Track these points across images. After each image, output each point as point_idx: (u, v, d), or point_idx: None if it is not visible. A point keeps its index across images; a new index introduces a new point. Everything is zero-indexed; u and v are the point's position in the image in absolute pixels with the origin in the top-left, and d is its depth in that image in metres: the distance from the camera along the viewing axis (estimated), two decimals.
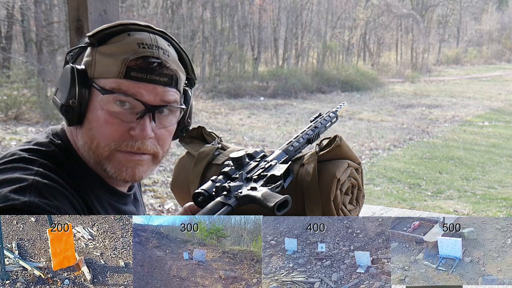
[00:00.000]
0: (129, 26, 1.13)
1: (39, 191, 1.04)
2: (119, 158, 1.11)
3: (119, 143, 1.10)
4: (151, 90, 1.09)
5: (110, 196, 1.20)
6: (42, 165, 1.10)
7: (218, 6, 18.21)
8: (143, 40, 1.10)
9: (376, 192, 6.86)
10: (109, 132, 1.10)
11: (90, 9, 2.14)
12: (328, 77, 18.13)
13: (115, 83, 1.08)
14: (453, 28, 32.70)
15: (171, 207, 5.74)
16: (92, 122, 1.11)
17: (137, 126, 1.09)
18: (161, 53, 1.10)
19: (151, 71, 1.08)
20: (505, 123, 12.60)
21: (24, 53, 13.27)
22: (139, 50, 1.08)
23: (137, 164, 1.12)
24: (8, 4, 11.97)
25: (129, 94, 1.08)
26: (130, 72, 1.07)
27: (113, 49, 1.09)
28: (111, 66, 1.08)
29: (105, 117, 1.09)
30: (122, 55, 1.08)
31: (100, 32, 1.12)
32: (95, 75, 1.10)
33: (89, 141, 1.12)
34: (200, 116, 11.72)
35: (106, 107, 1.09)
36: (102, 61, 1.10)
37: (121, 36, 1.11)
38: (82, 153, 1.15)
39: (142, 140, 1.10)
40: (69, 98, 1.09)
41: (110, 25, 1.14)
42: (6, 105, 10.08)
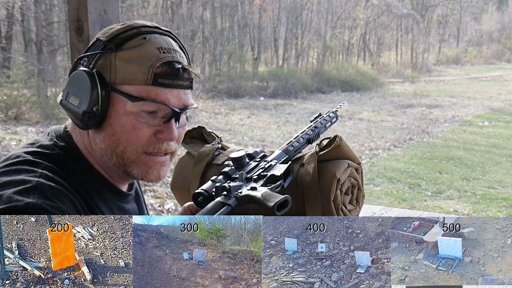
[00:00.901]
0: (141, 28, 1.14)
1: (43, 193, 1.05)
2: (146, 161, 1.15)
3: (146, 147, 1.14)
4: (176, 95, 1.14)
5: (114, 196, 1.22)
6: (47, 167, 1.11)
7: (218, 6, 18.21)
8: (161, 44, 1.13)
9: (376, 192, 6.86)
10: (137, 137, 1.13)
11: (90, 9, 2.14)
12: (328, 77, 18.13)
13: (144, 90, 1.10)
14: (453, 28, 32.71)
15: (171, 207, 5.74)
16: (115, 127, 1.13)
17: (164, 129, 1.14)
18: (179, 57, 1.14)
19: (176, 76, 1.13)
20: (505, 123, 12.60)
21: (24, 53, 13.27)
22: (160, 55, 1.11)
23: (162, 165, 1.17)
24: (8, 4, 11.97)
25: (158, 100, 1.11)
26: (158, 79, 1.11)
27: (134, 54, 1.11)
28: (137, 73, 1.10)
29: (132, 122, 1.12)
30: (147, 62, 1.10)
31: (116, 37, 1.12)
32: (116, 81, 1.11)
33: (113, 145, 1.14)
34: (200, 116, 11.72)
35: (135, 113, 1.11)
36: (124, 67, 1.11)
37: (138, 40, 1.12)
38: (99, 155, 1.17)
39: (168, 142, 1.15)
40: (92, 105, 1.10)
41: (122, 28, 1.14)
42: (6, 105, 10.08)
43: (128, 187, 1.29)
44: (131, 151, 1.13)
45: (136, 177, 1.18)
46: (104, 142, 1.14)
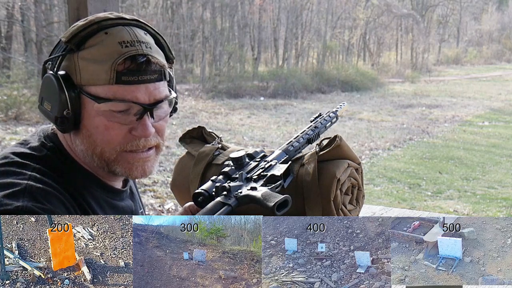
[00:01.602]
0: (102, 23, 1.09)
1: (33, 195, 1.04)
2: (127, 159, 1.13)
3: (124, 145, 1.11)
4: (144, 91, 1.09)
5: (106, 193, 1.21)
6: (35, 169, 1.09)
7: (218, 6, 18.21)
8: (123, 38, 1.08)
9: (376, 192, 6.86)
10: (111, 137, 1.10)
11: (90, 9, 2.15)
12: (328, 77, 18.12)
13: (108, 90, 1.06)
14: (453, 28, 32.71)
15: (171, 207, 5.73)
16: (90, 129, 1.10)
17: (138, 126, 1.10)
18: (144, 48, 1.08)
19: (141, 71, 1.07)
20: (505, 123, 12.60)
21: (24, 53, 13.27)
22: (122, 50, 1.06)
23: (145, 161, 1.15)
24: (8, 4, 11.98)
25: (125, 99, 1.07)
26: (120, 77, 1.06)
27: (95, 53, 1.07)
28: (100, 73, 1.06)
29: (104, 123, 1.09)
30: (108, 60, 1.06)
31: (76, 36, 1.08)
32: (82, 82, 1.08)
33: (91, 147, 1.12)
34: (200, 116, 11.73)
35: (104, 114, 1.08)
36: (87, 67, 1.07)
37: (99, 36, 1.08)
38: (82, 157, 1.15)
39: (145, 138, 1.12)
40: (62, 109, 1.08)
41: (82, 25, 1.10)
42: (6, 105, 10.08)
43: (122, 184, 1.27)
44: (109, 151, 1.11)
45: (121, 175, 1.16)
46: (83, 144, 1.12)
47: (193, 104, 13.16)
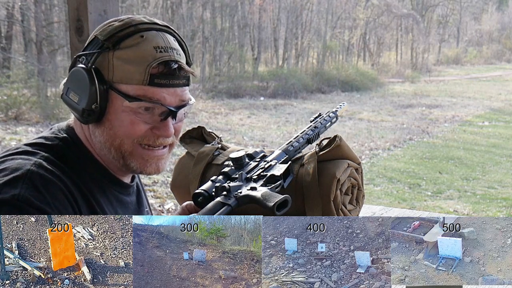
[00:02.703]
0: (139, 26, 1.15)
1: (32, 183, 1.06)
2: (142, 155, 1.18)
3: (142, 139, 1.16)
4: (173, 94, 1.16)
5: (114, 187, 1.24)
6: (43, 157, 1.13)
7: (218, 6, 18.21)
8: (158, 43, 1.14)
9: (376, 192, 6.86)
10: (134, 131, 1.15)
11: (90, 9, 2.15)
12: (328, 77, 18.12)
13: (140, 90, 1.12)
14: (453, 28, 32.70)
15: (171, 207, 5.73)
16: (114, 122, 1.15)
17: (161, 126, 1.16)
18: (175, 54, 1.15)
19: (172, 76, 1.14)
20: (505, 123, 12.60)
21: (24, 53, 13.26)
22: (157, 55, 1.12)
23: (160, 158, 1.20)
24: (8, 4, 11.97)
25: (154, 100, 1.13)
26: (154, 79, 1.12)
27: (131, 54, 1.12)
28: (134, 73, 1.11)
29: (130, 118, 1.14)
30: (143, 62, 1.11)
31: (113, 36, 1.13)
32: (114, 79, 1.13)
33: (110, 139, 1.16)
34: (200, 116, 11.72)
35: (132, 112, 1.13)
36: (121, 66, 1.12)
37: (135, 38, 1.14)
38: (99, 148, 1.19)
39: (165, 137, 1.18)
40: (91, 103, 1.13)
41: (120, 26, 1.15)
42: (6, 105, 10.08)
43: (130, 179, 1.31)
44: (128, 143, 1.16)
45: (135, 170, 1.20)
46: (102, 135, 1.17)
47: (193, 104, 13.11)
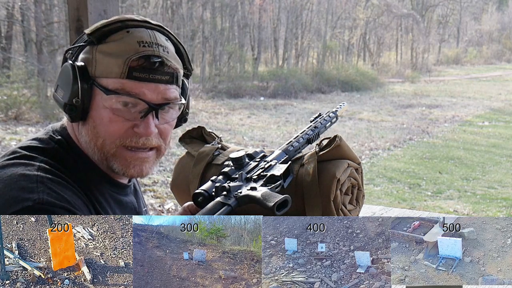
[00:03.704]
0: (127, 22, 1.13)
1: (46, 186, 1.06)
2: (125, 156, 1.14)
3: (124, 139, 1.13)
4: (153, 89, 1.11)
5: (111, 187, 1.23)
6: (43, 161, 1.12)
7: (218, 6, 18.21)
8: (142, 38, 1.11)
9: (376, 192, 6.86)
10: (114, 129, 1.12)
11: (90, 9, 2.15)
12: (328, 77, 18.12)
13: (118, 83, 1.09)
14: (453, 28, 32.70)
15: (171, 207, 5.73)
16: (95, 120, 1.13)
17: (141, 124, 1.12)
18: (161, 51, 1.12)
19: (153, 70, 1.10)
20: (505, 123, 12.60)
21: (24, 53, 13.26)
22: (140, 49, 1.10)
23: (143, 161, 1.16)
24: (8, 4, 11.97)
25: (132, 94, 1.10)
26: (132, 72, 1.09)
27: (114, 48, 1.10)
28: (113, 66, 1.09)
29: (109, 116, 1.11)
30: (123, 55, 1.09)
31: (99, 30, 1.12)
32: (96, 73, 1.11)
33: (94, 138, 1.14)
34: (200, 116, 11.72)
35: (110, 106, 1.11)
36: (103, 60, 1.11)
37: (121, 33, 1.12)
38: (86, 148, 1.17)
39: (146, 136, 1.13)
40: (72, 97, 1.11)
41: (108, 21, 1.14)
42: (6, 105, 10.08)
43: (127, 180, 1.29)
44: (110, 144, 1.13)
45: (118, 172, 1.17)
46: (87, 135, 1.15)
47: (193, 104, 13.15)
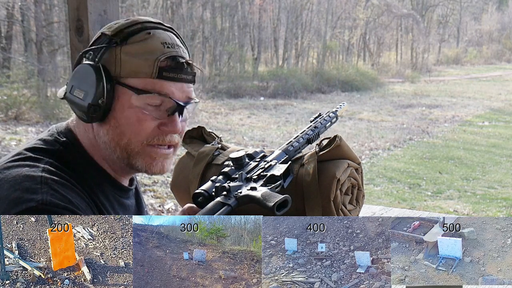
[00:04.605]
0: (145, 24, 1.16)
1: (50, 187, 1.06)
2: (150, 153, 1.17)
3: (151, 138, 1.16)
4: (180, 89, 1.16)
5: (115, 190, 1.23)
6: (48, 163, 1.12)
7: (218, 6, 18.21)
8: (165, 39, 1.15)
9: (376, 192, 6.86)
10: (141, 129, 1.14)
11: (90, 9, 2.14)
12: (328, 77, 18.12)
13: (149, 83, 1.12)
14: (453, 28, 32.69)
15: (171, 207, 5.74)
16: (120, 120, 1.14)
17: (168, 122, 1.16)
18: (182, 52, 1.17)
19: (180, 70, 1.15)
20: (505, 123, 12.60)
21: (24, 53, 13.27)
22: (165, 50, 1.14)
23: (165, 158, 1.19)
24: (8, 4, 11.98)
25: (163, 93, 1.13)
26: (162, 72, 1.13)
27: (139, 49, 1.13)
28: (142, 67, 1.12)
29: (137, 115, 1.13)
30: (151, 56, 1.12)
31: (122, 32, 1.14)
32: (122, 74, 1.13)
33: (116, 138, 1.15)
34: (200, 116, 11.72)
35: (140, 106, 1.13)
36: (129, 60, 1.12)
37: (142, 35, 1.14)
38: (103, 148, 1.18)
39: (172, 134, 1.17)
40: (98, 97, 1.12)
41: (127, 23, 1.16)
42: (6, 105, 10.08)
43: (129, 183, 1.30)
44: (135, 143, 1.15)
45: (140, 169, 1.19)
46: (108, 135, 1.16)
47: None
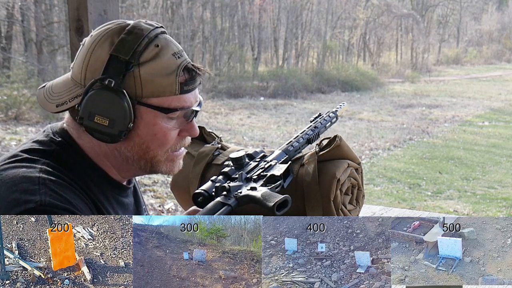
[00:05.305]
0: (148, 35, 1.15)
1: (48, 187, 1.06)
2: (172, 158, 1.21)
3: (174, 146, 1.20)
4: (194, 95, 1.20)
5: (113, 189, 1.23)
6: (45, 163, 1.11)
7: (218, 6, 18.21)
8: (173, 49, 1.16)
9: (376, 192, 6.86)
10: (167, 141, 1.18)
11: (90, 9, 2.15)
12: (328, 77, 18.11)
13: (174, 101, 1.15)
14: (453, 28, 32.69)
15: (171, 207, 5.74)
16: (144, 137, 1.16)
17: (188, 128, 1.20)
18: (186, 56, 1.19)
19: (195, 80, 1.19)
20: (505, 123, 12.60)
21: (24, 53, 13.27)
22: (177, 61, 1.15)
23: (181, 158, 1.24)
24: (8, 4, 11.98)
25: (186, 107, 1.17)
26: (183, 87, 1.16)
27: (155, 67, 1.13)
28: (165, 86, 1.13)
29: (163, 131, 1.16)
30: (169, 71, 1.13)
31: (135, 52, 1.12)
32: (144, 94, 1.13)
33: (141, 152, 1.18)
34: (200, 116, 11.68)
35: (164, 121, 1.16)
36: (151, 81, 1.12)
37: (151, 50, 1.14)
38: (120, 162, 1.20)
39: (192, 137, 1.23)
40: (127, 122, 1.13)
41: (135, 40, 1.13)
42: (6, 105, 10.08)
43: (127, 181, 1.30)
44: (161, 154, 1.18)
45: (163, 173, 1.24)
46: (132, 151, 1.18)
47: None
